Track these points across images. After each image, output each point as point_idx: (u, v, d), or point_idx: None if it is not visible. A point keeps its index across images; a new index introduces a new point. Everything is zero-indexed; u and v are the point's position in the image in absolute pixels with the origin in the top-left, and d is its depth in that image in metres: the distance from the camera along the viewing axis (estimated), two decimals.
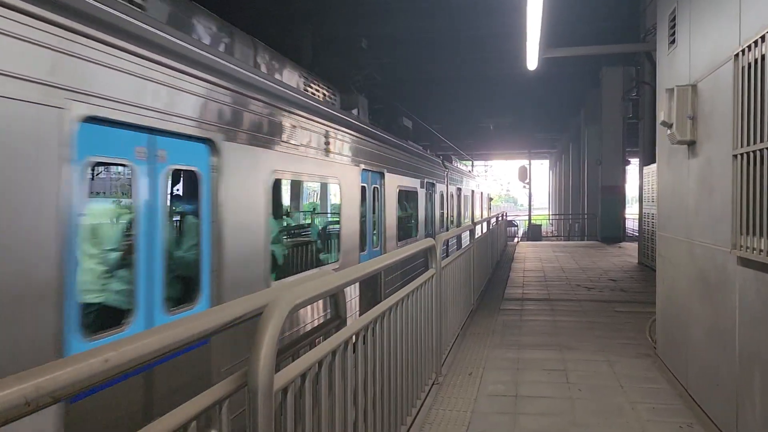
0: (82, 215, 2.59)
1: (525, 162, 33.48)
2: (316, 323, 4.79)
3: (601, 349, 5.41)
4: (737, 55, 2.97)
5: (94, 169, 2.67)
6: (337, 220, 6.02)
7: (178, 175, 3.41)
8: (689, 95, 3.86)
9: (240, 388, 1.50)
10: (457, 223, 15.30)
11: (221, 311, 1.57)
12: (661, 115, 4.21)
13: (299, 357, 1.90)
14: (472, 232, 7.79)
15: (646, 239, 11.79)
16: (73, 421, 2.46)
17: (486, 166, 50.82)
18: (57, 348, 2.39)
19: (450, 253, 5.64)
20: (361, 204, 6.74)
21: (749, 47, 2.81)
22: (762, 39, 2.66)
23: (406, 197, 9.49)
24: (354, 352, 2.35)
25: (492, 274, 10.40)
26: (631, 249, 14.84)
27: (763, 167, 2.65)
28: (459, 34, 13.90)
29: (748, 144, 2.82)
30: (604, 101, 18.00)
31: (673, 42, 4.45)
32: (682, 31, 4.22)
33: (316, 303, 4.14)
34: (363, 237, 6.90)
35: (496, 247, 11.95)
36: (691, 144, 3.91)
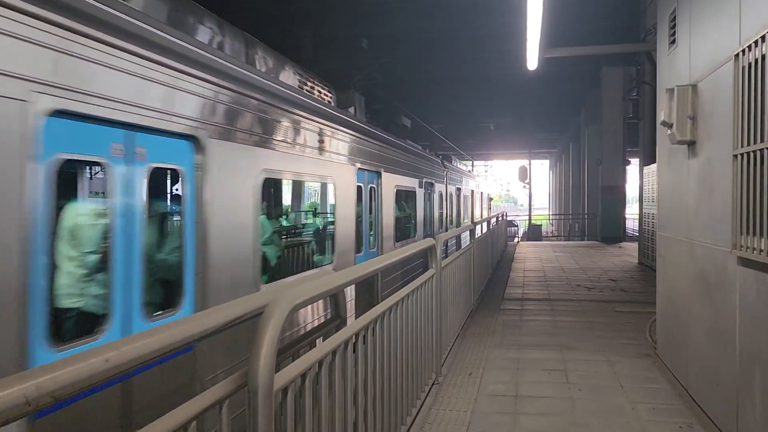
0: (49, 216, 2.44)
1: (525, 162, 33.47)
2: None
3: (602, 349, 5.41)
4: (737, 55, 2.97)
5: (64, 167, 2.50)
6: (332, 220, 5.87)
7: (159, 174, 3.27)
8: (689, 95, 3.86)
9: (240, 388, 1.50)
10: (457, 224, 15.19)
11: (221, 311, 1.57)
12: (662, 115, 4.21)
13: (299, 357, 1.90)
14: (472, 232, 7.76)
15: (646, 239, 11.78)
16: None
17: (486, 166, 50.86)
18: (20, 359, 2.22)
19: (449, 254, 5.57)
20: (357, 204, 6.58)
21: (749, 47, 2.81)
22: (762, 39, 2.66)
23: (403, 197, 9.34)
24: (354, 352, 2.34)
25: (492, 274, 10.39)
26: (632, 249, 14.83)
27: (763, 167, 2.65)
28: (459, 34, 13.91)
29: (748, 144, 2.82)
30: (604, 101, 18.01)
31: (674, 42, 4.45)
32: (682, 31, 4.22)
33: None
34: (359, 238, 6.74)
35: (496, 247, 11.93)
36: (692, 144, 3.91)
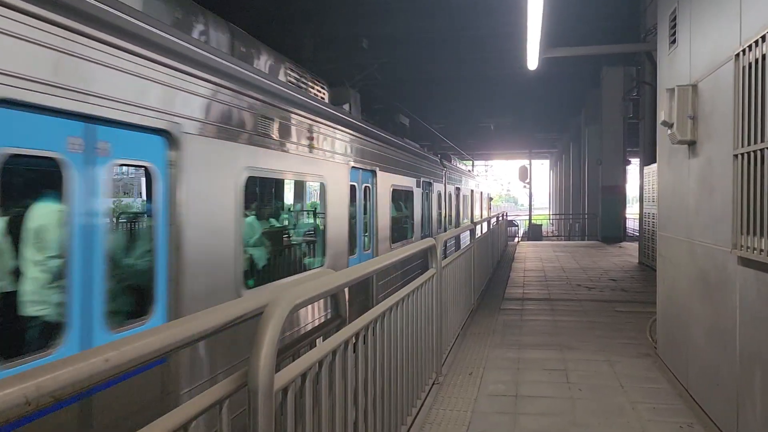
0: None
1: (525, 162, 33.50)
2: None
3: (602, 349, 5.40)
4: (738, 55, 2.97)
5: (9, 164, 2.28)
6: (323, 221, 5.63)
7: (126, 172, 3.03)
8: (690, 95, 3.86)
9: (240, 388, 1.50)
10: (456, 224, 15.07)
11: (221, 311, 1.57)
12: (662, 115, 4.21)
13: (299, 357, 1.89)
14: (472, 232, 7.75)
15: (646, 239, 11.78)
16: None
17: (486, 165, 50.83)
18: None
19: (447, 255, 5.52)
20: (350, 204, 6.36)
21: (750, 47, 2.81)
22: (762, 39, 2.66)
23: (400, 197, 9.15)
24: (354, 351, 2.34)
25: (492, 273, 10.39)
26: (632, 249, 14.83)
27: (764, 167, 2.65)
28: (459, 34, 13.92)
29: (748, 144, 2.82)
30: (604, 101, 18.01)
31: (674, 42, 4.45)
32: (682, 31, 4.22)
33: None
34: (352, 239, 6.50)
35: (496, 247, 11.92)
36: (692, 144, 3.91)
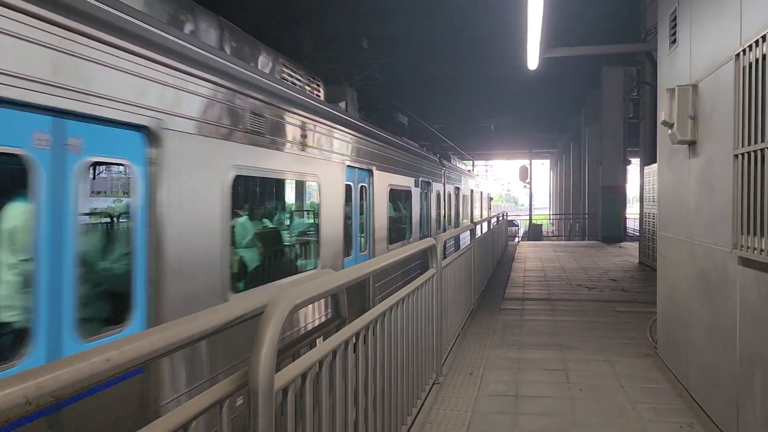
0: None
1: (526, 162, 33.48)
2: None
3: (602, 349, 5.40)
4: (738, 55, 2.97)
5: None
6: (316, 222, 5.47)
7: (101, 170, 2.91)
8: (690, 95, 3.86)
9: (240, 388, 1.50)
10: (455, 224, 15.01)
11: (221, 311, 1.57)
12: (662, 115, 4.21)
13: (300, 357, 1.90)
14: (472, 231, 7.75)
15: (646, 239, 11.78)
16: None
17: (487, 165, 50.82)
18: None
19: (446, 255, 5.48)
20: (346, 204, 6.17)
21: (750, 47, 2.81)
22: (763, 39, 2.66)
23: (398, 197, 9.01)
24: (354, 351, 2.34)
25: (493, 273, 10.39)
26: (632, 249, 14.84)
27: (764, 167, 2.65)
28: (459, 34, 13.91)
29: (748, 144, 2.82)
30: (604, 101, 18.01)
31: (674, 42, 4.45)
32: (682, 31, 4.22)
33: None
34: (348, 240, 6.32)
35: (496, 247, 11.92)
36: (692, 144, 3.91)
